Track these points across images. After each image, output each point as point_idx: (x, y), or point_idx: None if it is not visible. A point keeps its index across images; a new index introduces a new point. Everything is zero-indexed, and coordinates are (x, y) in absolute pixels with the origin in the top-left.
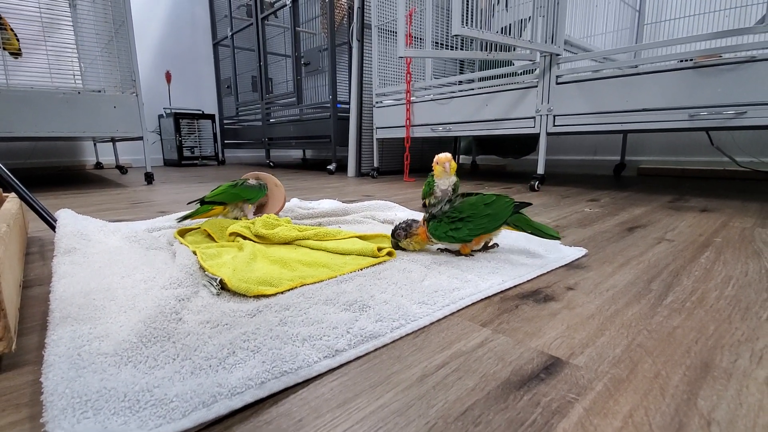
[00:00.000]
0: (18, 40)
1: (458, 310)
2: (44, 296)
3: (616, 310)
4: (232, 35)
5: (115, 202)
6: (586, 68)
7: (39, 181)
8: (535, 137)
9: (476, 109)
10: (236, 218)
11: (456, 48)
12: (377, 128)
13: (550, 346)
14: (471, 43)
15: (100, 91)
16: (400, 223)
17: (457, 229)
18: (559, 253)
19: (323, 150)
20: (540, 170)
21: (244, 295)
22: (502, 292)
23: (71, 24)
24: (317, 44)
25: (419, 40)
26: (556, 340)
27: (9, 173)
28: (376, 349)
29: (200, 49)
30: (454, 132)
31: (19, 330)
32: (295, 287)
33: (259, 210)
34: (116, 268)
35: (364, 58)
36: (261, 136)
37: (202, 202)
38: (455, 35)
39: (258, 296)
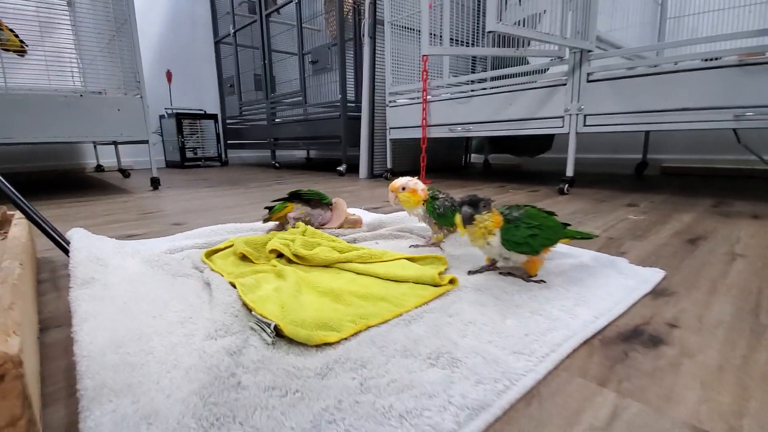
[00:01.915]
0: (17, 36)
1: (561, 361)
2: (65, 343)
3: (744, 357)
4: (234, 33)
5: (123, 211)
6: (619, 65)
7: (39, 187)
8: (550, 135)
9: (499, 109)
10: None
11: (469, 44)
12: (390, 128)
13: (699, 416)
14: (483, 38)
15: (101, 93)
16: (478, 196)
17: (535, 236)
18: (635, 275)
19: (328, 149)
20: (569, 172)
21: (301, 342)
22: (599, 332)
23: (70, 23)
24: (322, 41)
25: (436, 37)
26: (700, 406)
27: (16, 192)
28: (488, 426)
29: (201, 47)
30: (474, 132)
31: (42, 396)
32: (360, 331)
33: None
34: (144, 304)
35: (376, 55)
36: (266, 137)
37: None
38: (489, 32)
39: (320, 344)
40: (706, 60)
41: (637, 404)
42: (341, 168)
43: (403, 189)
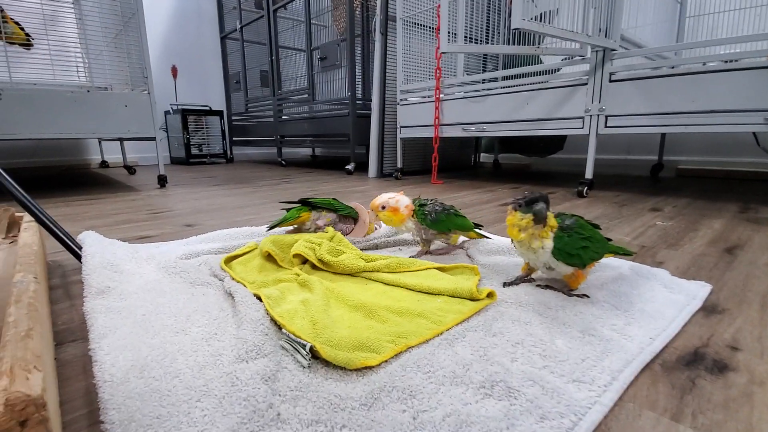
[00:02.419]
0: (23, 29)
1: (624, 390)
2: (82, 361)
3: None
4: (241, 28)
5: (131, 211)
6: (643, 65)
7: (44, 183)
8: (562, 135)
9: (515, 108)
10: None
11: (482, 42)
12: (401, 127)
13: None
14: (496, 36)
15: (106, 89)
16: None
17: (586, 248)
18: (681, 289)
19: (334, 147)
20: (588, 174)
21: (336, 364)
22: (657, 356)
23: (75, 17)
24: (329, 37)
25: (451, 34)
26: None
27: (26, 195)
28: None
29: (207, 42)
30: (488, 132)
31: (62, 425)
32: (400, 352)
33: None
34: (164, 317)
35: (387, 52)
36: (273, 134)
37: (300, 202)
38: (515, 29)
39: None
40: (727, 61)
41: None
42: (349, 167)
43: (383, 208)
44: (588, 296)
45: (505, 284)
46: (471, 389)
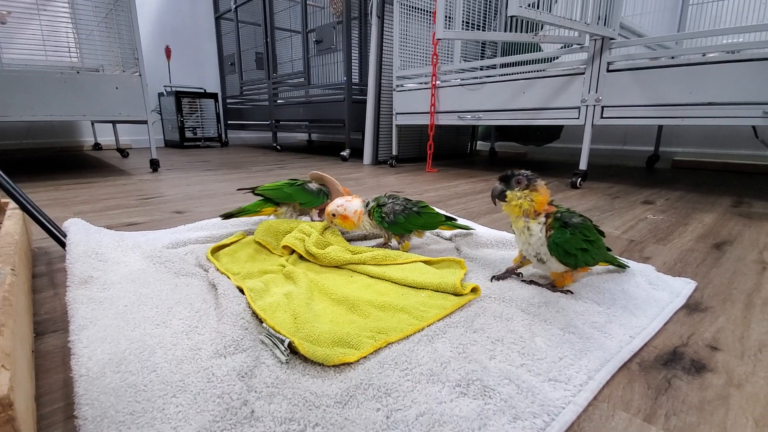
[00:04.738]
0: None
1: (600, 390)
2: (62, 353)
3: None
4: (235, 8)
5: (122, 196)
6: (642, 55)
7: (36, 165)
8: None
9: (511, 97)
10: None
11: (481, 28)
12: (397, 114)
13: None
14: (494, 21)
15: (98, 70)
16: (520, 171)
17: (585, 250)
18: (665, 286)
19: (330, 133)
20: (583, 166)
21: (314, 360)
22: (635, 354)
23: None
24: (326, 19)
25: (447, 19)
26: None
27: (9, 181)
28: None
29: (202, 22)
30: (484, 121)
31: (37, 418)
32: (380, 347)
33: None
34: (146, 309)
35: (384, 36)
36: (267, 118)
37: (254, 192)
38: (511, 16)
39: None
40: (732, 52)
41: None
42: (345, 153)
43: (334, 215)
44: (572, 292)
45: (493, 278)
46: (447, 387)
